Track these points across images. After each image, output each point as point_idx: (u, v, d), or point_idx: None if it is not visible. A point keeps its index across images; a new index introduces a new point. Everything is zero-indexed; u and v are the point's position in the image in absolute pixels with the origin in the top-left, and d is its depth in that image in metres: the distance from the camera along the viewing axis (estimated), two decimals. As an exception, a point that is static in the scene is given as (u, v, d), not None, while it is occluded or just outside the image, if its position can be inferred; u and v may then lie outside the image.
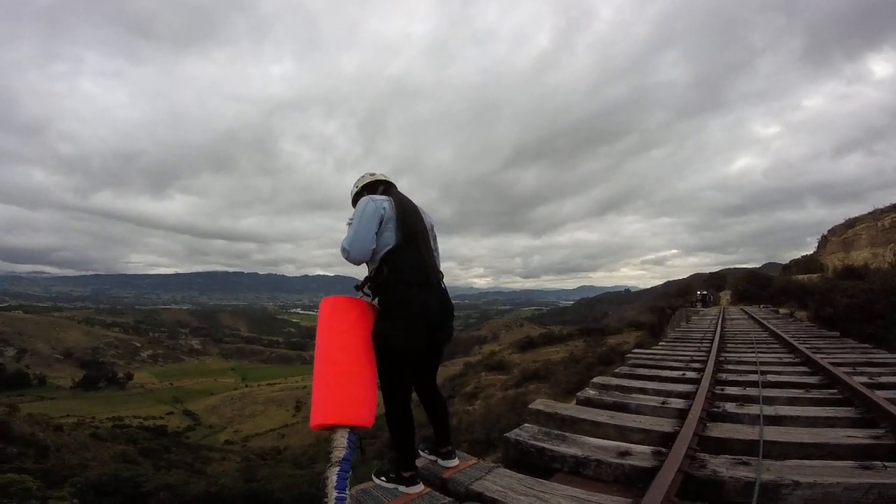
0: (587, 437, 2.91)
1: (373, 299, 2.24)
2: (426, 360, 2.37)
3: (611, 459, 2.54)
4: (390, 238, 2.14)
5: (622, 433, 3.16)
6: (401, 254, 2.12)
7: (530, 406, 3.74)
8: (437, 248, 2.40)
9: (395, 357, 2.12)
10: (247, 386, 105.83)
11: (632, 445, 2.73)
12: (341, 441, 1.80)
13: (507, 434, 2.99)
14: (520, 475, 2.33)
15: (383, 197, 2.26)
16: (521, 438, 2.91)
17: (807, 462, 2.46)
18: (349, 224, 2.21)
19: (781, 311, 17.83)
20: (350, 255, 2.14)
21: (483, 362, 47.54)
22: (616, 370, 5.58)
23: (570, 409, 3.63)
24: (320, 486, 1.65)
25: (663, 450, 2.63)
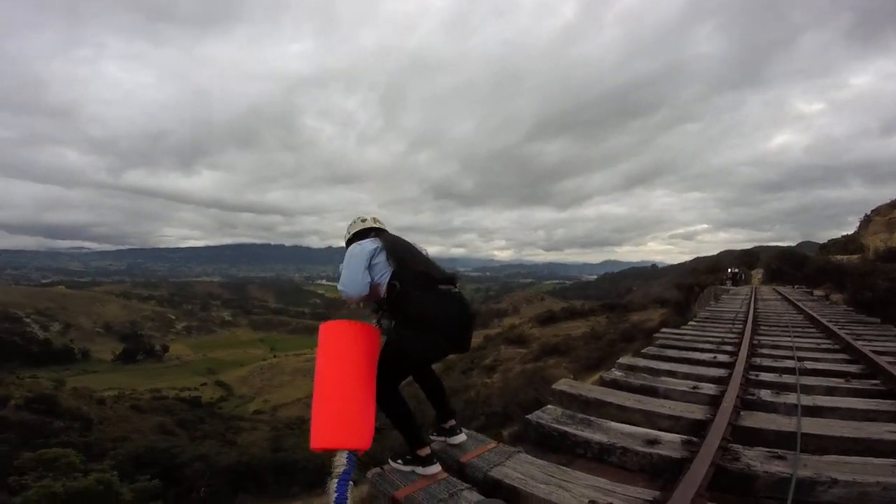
0: (613, 423, 2.80)
1: (391, 320, 2.30)
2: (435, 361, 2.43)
3: (638, 448, 2.44)
4: (385, 265, 2.22)
5: (650, 419, 3.05)
6: (404, 271, 2.19)
7: (553, 386, 3.66)
8: None
9: (405, 362, 2.23)
10: (275, 356, 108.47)
11: (660, 433, 2.62)
12: (341, 460, 1.90)
13: (529, 416, 2.90)
14: (541, 462, 2.25)
15: (367, 239, 2.36)
16: (542, 421, 2.82)
17: (845, 458, 2.31)
18: (342, 269, 2.32)
19: (816, 292, 17.12)
20: (347, 293, 2.25)
21: (503, 335, 47.77)
22: (643, 350, 5.43)
23: (594, 391, 3.52)
24: (323, 497, 1.79)
25: (694, 439, 2.52)
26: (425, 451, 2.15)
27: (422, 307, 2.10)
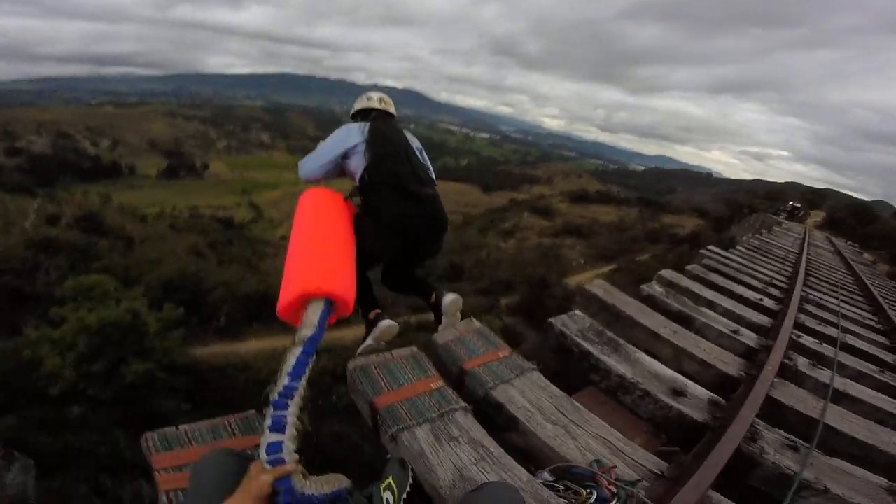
0: (641, 354, 2.50)
1: (358, 205, 2.21)
2: (401, 265, 2.33)
3: (660, 396, 2.17)
4: (361, 158, 2.08)
5: (679, 357, 2.79)
6: (377, 166, 2.06)
7: (587, 287, 3.34)
8: (427, 167, 2.27)
9: (363, 257, 2.08)
10: (307, 183, 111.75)
11: (688, 383, 2.34)
12: (312, 318, 1.36)
13: (552, 320, 2.60)
14: (554, 390, 1.96)
15: (358, 124, 2.21)
16: (566, 331, 2.52)
17: (848, 467, 2.01)
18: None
19: (866, 255, 16.11)
20: (299, 173, 2.29)
21: (529, 203, 47.39)
22: (688, 267, 5.03)
23: (631, 306, 3.19)
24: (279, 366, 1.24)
25: (721, 401, 2.27)
26: (374, 313, 2.18)
27: (385, 204, 2.01)
